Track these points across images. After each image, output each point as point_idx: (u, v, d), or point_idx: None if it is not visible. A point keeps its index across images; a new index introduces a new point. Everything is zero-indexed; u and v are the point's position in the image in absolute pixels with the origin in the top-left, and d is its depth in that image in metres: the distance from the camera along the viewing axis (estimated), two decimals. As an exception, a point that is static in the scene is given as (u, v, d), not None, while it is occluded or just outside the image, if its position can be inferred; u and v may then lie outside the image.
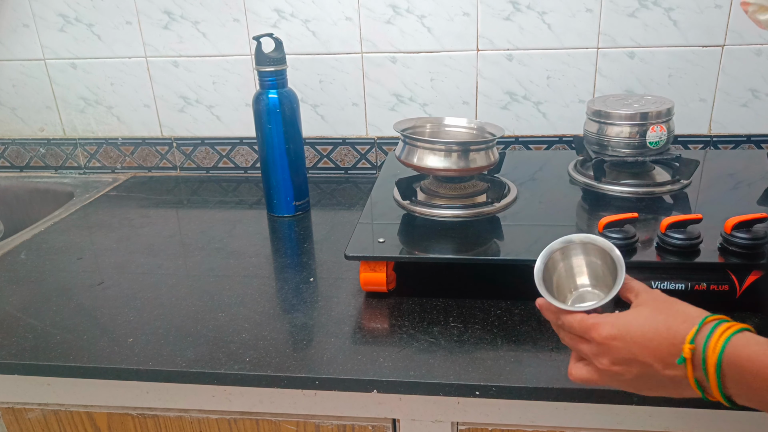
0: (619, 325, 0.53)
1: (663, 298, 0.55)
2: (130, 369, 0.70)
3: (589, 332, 0.54)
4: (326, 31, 1.19)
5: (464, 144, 0.91)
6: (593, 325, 0.54)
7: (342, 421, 0.74)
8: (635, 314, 0.54)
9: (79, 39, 1.26)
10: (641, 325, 0.52)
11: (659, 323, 0.52)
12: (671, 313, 0.53)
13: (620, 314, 0.54)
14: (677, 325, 0.51)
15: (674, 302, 0.54)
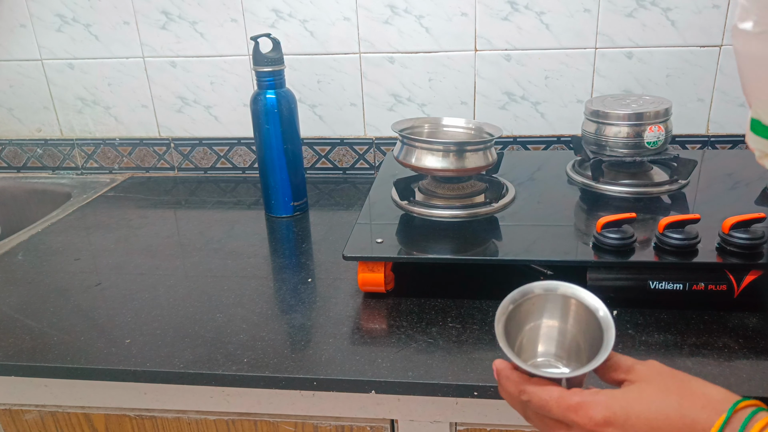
0: (615, 408, 0.41)
1: (669, 372, 0.44)
2: (127, 370, 0.70)
3: (573, 414, 0.42)
4: (324, 32, 1.19)
5: (462, 144, 0.91)
6: (579, 405, 0.42)
7: (340, 421, 0.74)
8: (636, 394, 0.42)
9: (77, 39, 1.26)
10: (646, 410, 0.41)
11: (670, 408, 0.40)
12: (686, 394, 0.41)
13: (615, 392, 0.43)
14: (695, 411, 0.40)
15: (688, 379, 0.43)
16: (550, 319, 0.51)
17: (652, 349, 0.68)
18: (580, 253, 0.77)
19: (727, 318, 0.73)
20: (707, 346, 0.68)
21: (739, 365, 0.65)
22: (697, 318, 0.74)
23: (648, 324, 0.73)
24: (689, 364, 0.66)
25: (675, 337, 0.70)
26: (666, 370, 0.44)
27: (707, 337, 0.70)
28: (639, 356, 0.66)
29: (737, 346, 0.68)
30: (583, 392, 0.43)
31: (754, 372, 0.64)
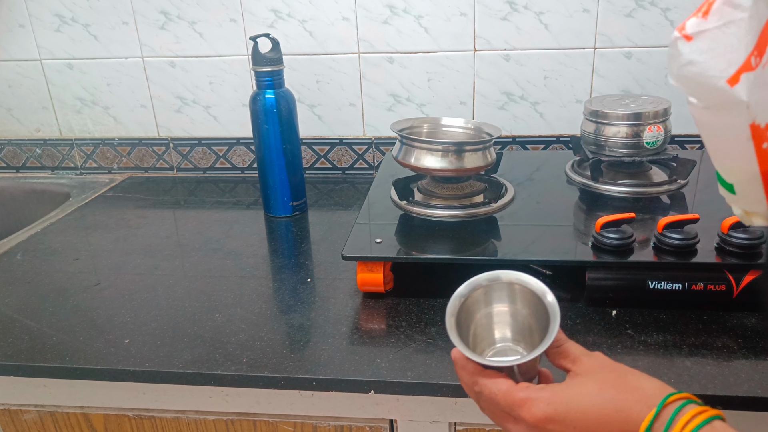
0: (556, 403, 0.43)
1: (610, 366, 0.46)
2: (126, 370, 0.70)
3: (518, 409, 0.44)
4: (323, 32, 1.18)
5: (461, 144, 0.91)
6: (523, 401, 0.44)
7: (339, 421, 0.74)
8: (577, 389, 0.44)
9: (76, 39, 1.26)
10: (585, 404, 0.43)
11: (607, 402, 0.42)
12: (622, 389, 0.43)
13: (558, 388, 0.44)
14: (630, 405, 0.42)
15: (625, 372, 0.45)
16: (499, 304, 0.52)
17: (651, 349, 0.68)
18: (579, 253, 0.77)
19: (726, 318, 0.73)
20: (706, 346, 0.68)
21: (738, 365, 0.65)
22: (696, 318, 0.74)
23: (647, 324, 0.73)
24: (688, 364, 0.66)
25: (674, 337, 0.70)
26: (607, 363, 0.46)
27: (706, 337, 0.70)
28: (638, 356, 0.67)
29: (736, 346, 0.68)
30: (528, 388, 0.44)
31: (753, 372, 0.64)
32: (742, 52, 0.40)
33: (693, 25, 0.41)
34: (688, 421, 0.39)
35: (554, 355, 0.48)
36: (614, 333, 0.72)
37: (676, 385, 0.62)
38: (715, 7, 0.40)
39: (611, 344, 0.70)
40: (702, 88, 0.41)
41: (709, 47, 0.40)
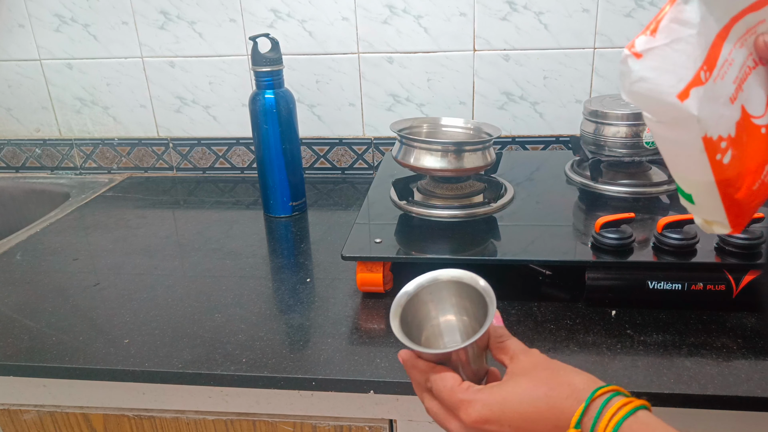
0: (492, 404, 0.45)
1: (544, 363, 0.47)
2: (126, 370, 0.70)
3: (457, 410, 0.46)
4: (323, 32, 1.18)
5: (461, 144, 0.91)
6: (461, 402, 0.45)
7: (339, 421, 0.74)
8: (512, 388, 0.45)
9: (75, 39, 1.26)
10: (518, 403, 0.44)
11: (540, 400, 0.44)
12: (554, 385, 0.44)
13: (494, 389, 0.46)
14: (561, 401, 0.43)
15: (557, 369, 0.46)
16: (444, 313, 0.54)
17: (651, 349, 0.68)
18: (579, 253, 0.77)
19: (725, 318, 0.73)
20: (706, 346, 0.68)
21: (737, 365, 0.65)
22: (696, 318, 0.74)
23: (646, 324, 0.73)
24: (688, 364, 0.66)
25: (674, 337, 0.70)
26: (541, 361, 0.47)
27: (706, 337, 0.70)
28: (638, 356, 0.67)
29: (736, 346, 0.68)
30: (469, 389, 0.46)
31: (752, 372, 0.64)
32: (692, 68, 0.41)
33: (642, 43, 0.41)
34: (615, 412, 0.41)
35: (496, 349, 0.50)
36: (614, 333, 0.72)
37: (675, 385, 0.62)
38: (663, 25, 0.41)
39: (611, 344, 0.70)
40: (654, 104, 0.42)
41: (658, 64, 0.41)
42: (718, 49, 0.42)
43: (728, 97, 0.42)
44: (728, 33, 0.42)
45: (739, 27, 0.42)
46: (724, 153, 0.43)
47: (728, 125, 0.43)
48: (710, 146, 0.42)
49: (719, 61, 0.42)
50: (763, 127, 0.44)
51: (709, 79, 0.41)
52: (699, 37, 0.41)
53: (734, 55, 0.42)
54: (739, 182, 0.44)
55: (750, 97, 0.44)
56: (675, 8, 0.41)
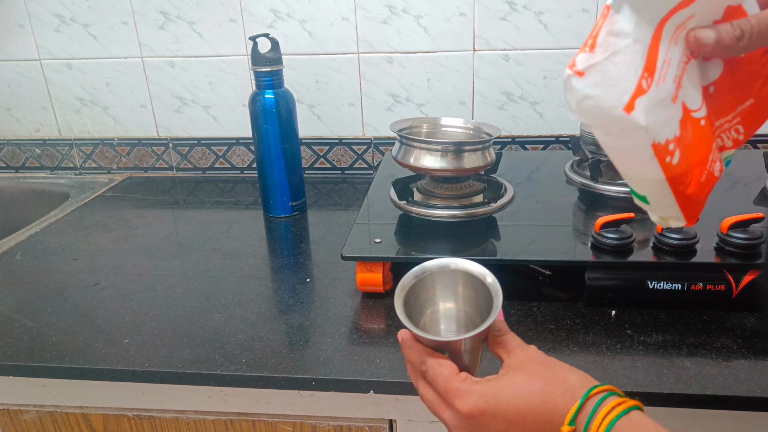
0: (488, 396, 0.45)
1: (540, 359, 0.47)
2: (126, 370, 0.70)
3: (453, 398, 0.46)
4: (322, 32, 1.18)
5: (460, 144, 0.91)
6: (458, 392, 0.46)
7: (339, 421, 0.74)
8: (507, 381, 0.46)
9: (75, 39, 1.26)
10: (514, 396, 0.44)
11: (534, 395, 0.44)
12: (549, 381, 0.45)
13: (490, 382, 0.46)
14: (556, 397, 0.44)
15: (553, 365, 0.46)
16: (447, 301, 0.54)
17: (651, 349, 0.68)
18: (579, 253, 0.77)
19: (725, 318, 0.73)
20: (705, 346, 0.68)
21: (737, 365, 0.65)
22: (696, 318, 0.74)
23: (646, 324, 0.73)
24: (687, 364, 0.66)
25: (673, 337, 0.70)
26: (538, 356, 0.47)
27: (705, 337, 0.70)
28: (638, 356, 0.67)
29: (735, 346, 0.68)
30: (466, 380, 0.46)
31: (752, 372, 0.64)
32: (633, 78, 0.41)
33: (582, 61, 0.41)
34: (609, 411, 0.42)
35: (493, 343, 0.50)
36: (613, 333, 0.72)
37: (675, 385, 0.62)
38: (600, 40, 0.41)
39: (610, 344, 0.70)
40: (602, 119, 0.42)
41: (600, 80, 0.41)
42: (655, 52, 0.42)
43: (671, 98, 0.43)
44: (661, 33, 0.42)
45: (670, 25, 0.43)
46: (672, 154, 0.44)
47: (673, 126, 0.43)
48: (659, 151, 0.43)
49: (658, 63, 0.42)
50: (702, 119, 0.45)
51: (651, 85, 0.42)
52: (636, 44, 0.41)
53: (671, 54, 0.43)
54: (688, 178, 0.45)
55: (688, 93, 0.44)
56: (609, 21, 0.41)
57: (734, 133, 0.49)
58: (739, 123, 0.48)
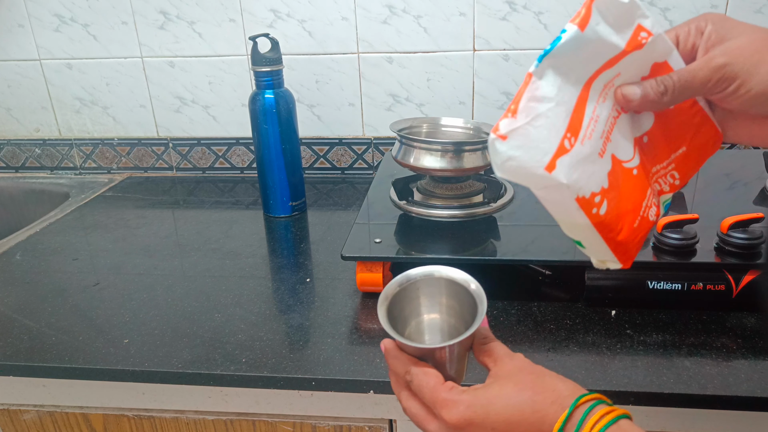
0: (476, 406, 0.44)
1: (529, 368, 0.47)
2: (125, 370, 0.70)
3: (440, 409, 0.45)
4: (322, 32, 1.18)
5: (460, 144, 0.91)
6: (445, 402, 0.45)
7: (338, 421, 0.74)
8: (496, 391, 0.45)
9: (75, 39, 1.26)
10: (503, 406, 0.44)
11: (524, 404, 0.44)
12: (539, 390, 0.44)
13: (478, 391, 0.45)
14: (545, 406, 0.43)
15: (542, 374, 0.46)
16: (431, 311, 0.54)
17: (651, 349, 0.69)
18: (578, 253, 0.77)
19: (725, 318, 0.73)
20: (705, 346, 0.68)
21: (737, 365, 0.65)
22: (696, 318, 0.74)
23: (646, 324, 0.73)
24: (687, 364, 0.66)
25: (673, 337, 0.71)
26: (526, 365, 0.47)
27: (705, 337, 0.70)
28: (638, 356, 0.67)
29: (735, 346, 0.68)
30: (453, 389, 0.45)
31: (752, 372, 0.64)
32: (555, 140, 0.43)
33: (505, 126, 0.43)
34: (597, 420, 0.41)
35: (479, 351, 0.49)
36: (613, 333, 0.72)
37: (675, 385, 0.62)
38: (522, 106, 0.43)
39: (610, 344, 0.70)
40: (526, 178, 0.44)
41: (523, 143, 0.43)
42: (581, 112, 0.44)
43: (597, 153, 0.45)
44: (588, 93, 0.45)
45: (598, 84, 0.45)
46: (599, 206, 0.46)
47: (600, 179, 0.46)
48: (584, 204, 0.45)
49: (584, 122, 0.45)
50: (634, 168, 0.48)
51: (575, 144, 0.44)
52: (558, 107, 0.44)
53: (599, 111, 0.45)
54: (619, 225, 0.47)
55: (618, 145, 0.47)
56: (530, 87, 0.43)
57: (670, 178, 0.52)
58: (674, 169, 0.51)
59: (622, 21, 0.44)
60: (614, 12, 0.43)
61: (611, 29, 0.43)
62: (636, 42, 0.44)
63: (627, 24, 0.44)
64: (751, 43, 0.43)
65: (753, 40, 0.43)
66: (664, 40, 0.46)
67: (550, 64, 0.43)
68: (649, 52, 0.45)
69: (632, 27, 0.44)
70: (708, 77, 0.44)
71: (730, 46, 0.43)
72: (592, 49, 0.44)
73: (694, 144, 0.51)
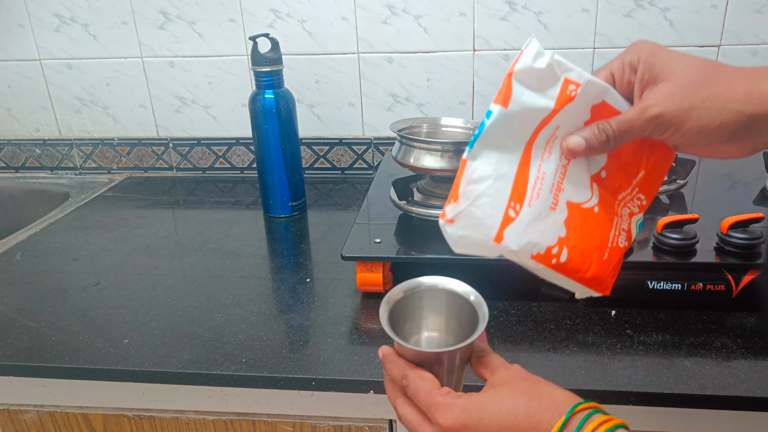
0: (470, 410, 0.44)
1: (524, 375, 0.47)
2: (125, 370, 0.70)
3: (434, 412, 0.45)
4: (322, 32, 1.18)
5: (460, 144, 0.91)
6: (440, 405, 0.45)
7: (338, 421, 0.74)
8: (490, 396, 0.45)
9: (75, 39, 1.26)
10: (497, 411, 0.44)
11: (518, 409, 0.44)
12: (534, 396, 0.44)
13: (473, 396, 0.46)
14: (540, 412, 0.43)
15: (538, 382, 0.46)
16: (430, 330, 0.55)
17: (650, 349, 0.69)
18: (579, 253, 0.77)
19: (725, 318, 0.73)
20: (705, 346, 0.68)
21: (737, 365, 0.65)
22: (696, 318, 0.74)
23: (646, 324, 0.73)
24: (687, 364, 0.66)
25: (673, 337, 0.71)
26: (522, 374, 0.47)
27: (705, 337, 0.70)
28: (638, 356, 0.67)
29: (735, 346, 0.68)
30: (448, 394, 0.46)
31: (752, 372, 0.64)
32: (499, 213, 0.46)
33: (450, 211, 0.46)
34: (595, 428, 0.41)
35: (476, 364, 0.50)
36: (613, 333, 0.72)
37: (675, 385, 0.62)
38: (461, 191, 0.46)
39: (610, 344, 0.70)
40: (480, 251, 0.47)
41: (469, 223, 0.46)
42: (524, 176, 0.47)
43: (548, 208, 0.48)
44: (530, 155, 0.47)
45: (540, 142, 0.47)
46: (558, 255, 0.48)
47: (555, 231, 0.48)
48: (542, 258, 0.48)
49: (529, 184, 0.47)
50: (594, 207, 0.50)
51: (520, 210, 0.46)
52: (497, 182, 0.46)
53: (545, 168, 0.47)
54: (585, 264, 0.49)
55: (573, 191, 0.49)
56: (467, 172, 0.46)
57: (637, 201, 0.53)
58: (639, 192, 0.53)
59: (547, 82, 0.45)
60: (536, 77, 0.45)
61: (537, 94, 0.45)
62: (566, 97, 0.45)
63: (552, 83, 0.45)
64: (681, 88, 0.45)
65: (683, 84, 0.45)
66: (595, 83, 0.47)
67: (482, 146, 0.46)
68: (584, 99, 0.46)
69: (559, 83, 0.45)
70: (644, 126, 0.46)
71: (662, 93, 0.45)
72: (522, 118, 0.45)
73: (651, 164, 0.52)
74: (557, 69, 0.45)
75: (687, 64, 0.45)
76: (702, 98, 0.44)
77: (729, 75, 0.45)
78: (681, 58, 0.46)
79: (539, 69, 0.45)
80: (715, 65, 0.45)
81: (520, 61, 0.45)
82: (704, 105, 0.44)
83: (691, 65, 0.45)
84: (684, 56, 0.46)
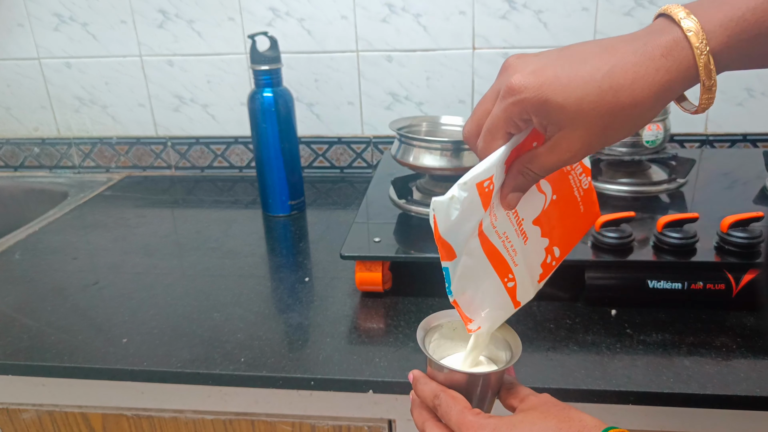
0: (502, 430, 0.45)
1: (554, 402, 0.48)
2: (124, 369, 0.70)
3: (466, 430, 0.45)
4: (321, 30, 1.18)
5: (460, 143, 0.91)
6: (471, 424, 0.45)
7: (338, 421, 0.74)
8: (521, 418, 0.46)
9: (74, 38, 1.25)
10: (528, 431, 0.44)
11: (549, 430, 0.44)
12: (564, 419, 0.45)
13: (504, 418, 0.46)
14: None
15: (568, 408, 0.47)
16: None
17: (650, 348, 0.68)
18: (579, 252, 0.77)
19: (725, 317, 0.73)
20: (705, 346, 0.68)
21: (736, 364, 0.65)
22: (695, 317, 0.74)
23: (646, 323, 0.73)
24: (687, 364, 0.66)
25: (673, 336, 0.70)
26: (552, 400, 0.48)
27: (705, 337, 0.70)
28: (637, 356, 0.67)
29: (735, 346, 0.68)
30: (479, 414, 0.46)
31: (751, 371, 0.64)
32: (504, 297, 0.51)
33: (473, 326, 0.51)
34: None
35: (505, 395, 0.51)
36: (613, 332, 0.72)
37: (675, 384, 0.62)
38: (469, 316, 0.51)
39: (610, 344, 0.70)
40: None
41: (492, 323, 0.51)
42: (494, 253, 0.48)
43: (529, 251, 0.50)
44: (486, 237, 0.47)
45: (485, 222, 0.47)
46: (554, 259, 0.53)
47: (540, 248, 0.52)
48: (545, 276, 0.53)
49: (504, 254, 0.49)
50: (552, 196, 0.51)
51: (514, 277, 0.50)
52: (484, 282, 0.49)
53: (501, 230, 0.48)
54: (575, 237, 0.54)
55: (529, 209, 0.50)
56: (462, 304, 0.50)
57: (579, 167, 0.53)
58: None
59: (466, 207, 0.44)
60: (457, 219, 0.45)
61: (466, 220, 0.45)
62: (487, 193, 0.44)
63: (470, 201, 0.44)
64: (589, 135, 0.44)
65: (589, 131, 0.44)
66: (499, 162, 0.45)
67: (457, 284, 0.49)
68: (499, 174, 0.45)
69: (475, 195, 0.44)
70: (555, 164, 0.45)
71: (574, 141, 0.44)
72: (468, 241, 0.46)
73: None
74: (465, 191, 0.44)
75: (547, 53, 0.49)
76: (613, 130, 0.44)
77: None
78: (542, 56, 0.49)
79: (455, 215, 0.45)
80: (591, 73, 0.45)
81: (438, 224, 0.45)
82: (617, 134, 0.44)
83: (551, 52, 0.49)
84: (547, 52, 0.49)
